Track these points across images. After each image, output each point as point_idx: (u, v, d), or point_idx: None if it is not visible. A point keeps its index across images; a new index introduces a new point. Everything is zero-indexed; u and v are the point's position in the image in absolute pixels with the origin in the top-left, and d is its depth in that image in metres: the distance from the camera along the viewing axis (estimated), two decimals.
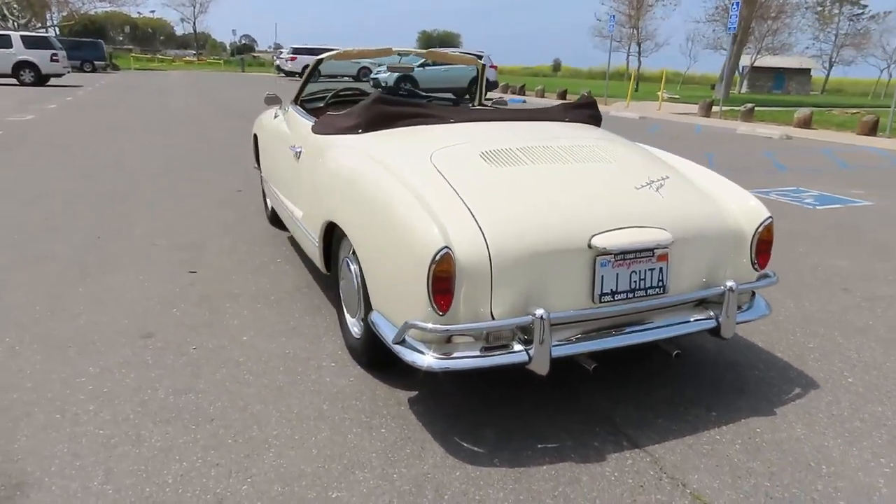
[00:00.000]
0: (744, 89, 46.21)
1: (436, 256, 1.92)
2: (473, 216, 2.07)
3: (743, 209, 2.47)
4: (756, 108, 16.99)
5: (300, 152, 3.31)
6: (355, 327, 2.70)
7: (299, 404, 2.38)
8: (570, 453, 2.12)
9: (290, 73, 34.46)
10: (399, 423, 2.27)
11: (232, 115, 13.78)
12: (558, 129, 2.89)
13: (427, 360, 2.01)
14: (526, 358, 2.00)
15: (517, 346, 2.04)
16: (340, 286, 2.79)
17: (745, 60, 41.75)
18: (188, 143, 9.26)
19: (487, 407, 2.38)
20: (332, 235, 2.81)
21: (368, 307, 2.39)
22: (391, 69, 14.46)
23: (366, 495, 1.89)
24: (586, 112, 3.11)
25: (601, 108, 21.23)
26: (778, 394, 2.54)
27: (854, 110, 19.69)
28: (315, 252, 2.97)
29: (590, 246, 2.10)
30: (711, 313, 2.32)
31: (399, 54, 3.98)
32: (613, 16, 24.55)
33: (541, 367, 2.01)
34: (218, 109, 15.00)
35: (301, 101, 4.05)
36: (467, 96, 4.44)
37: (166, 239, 4.43)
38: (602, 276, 2.12)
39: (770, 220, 2.44)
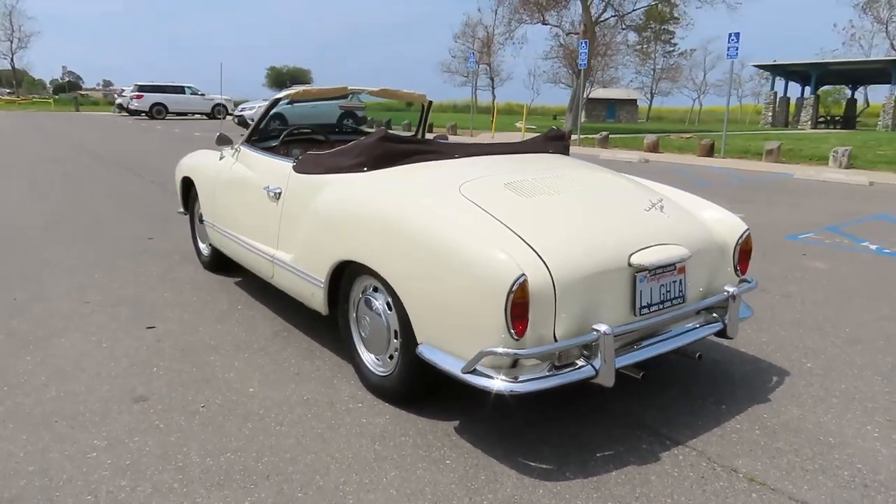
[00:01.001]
0: (582, 119, 50.52)
1: (513, 285, 2.01)
2: (528, 244, 2.20)
3: (723, 223, 2.83)
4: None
5: (280, 193, 3.23)
6: (380, 366, 2.68)
7: (349, 448, 2.33)
8: (627, 458, 2.28)
9: (135, 112, 32.01)
10: (459, 453, 2.30)
11: (97, 159, 12.66)
12: (553, 161, 3.11)
13: (499, 384, 2.08)
14: (593, 372, 2.15)
15: (580, 362, 2.18)
16: (358, 325, 2.76)
17: None
18: (62, 193, 8.40)
19: (532, 426, 2.48)
20: (341, 275, 2.78)
21: (409, 342, 2.40)
22: (343, 108, 13.45)
23: None
24: (561, 144, 3.37)
25: (467, 139, 21.97)
26: (763, 383, 2.90)
27: (687, 135, 22.35)
28: (317, 293, 2.90)
29: (629, 264, 2.30)
30: (716, 315, 2.62)
31: (353, 93, 4.02)
32: (473, 53, 26.08)
33: (607, 379, 2.16)
34: (79, 155, 13.67)
35: (252, 142, 3.94)
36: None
37: (97, 296, 4.04)
38: (640, 291, 2.34)
39: (748, 231, 2.81)
